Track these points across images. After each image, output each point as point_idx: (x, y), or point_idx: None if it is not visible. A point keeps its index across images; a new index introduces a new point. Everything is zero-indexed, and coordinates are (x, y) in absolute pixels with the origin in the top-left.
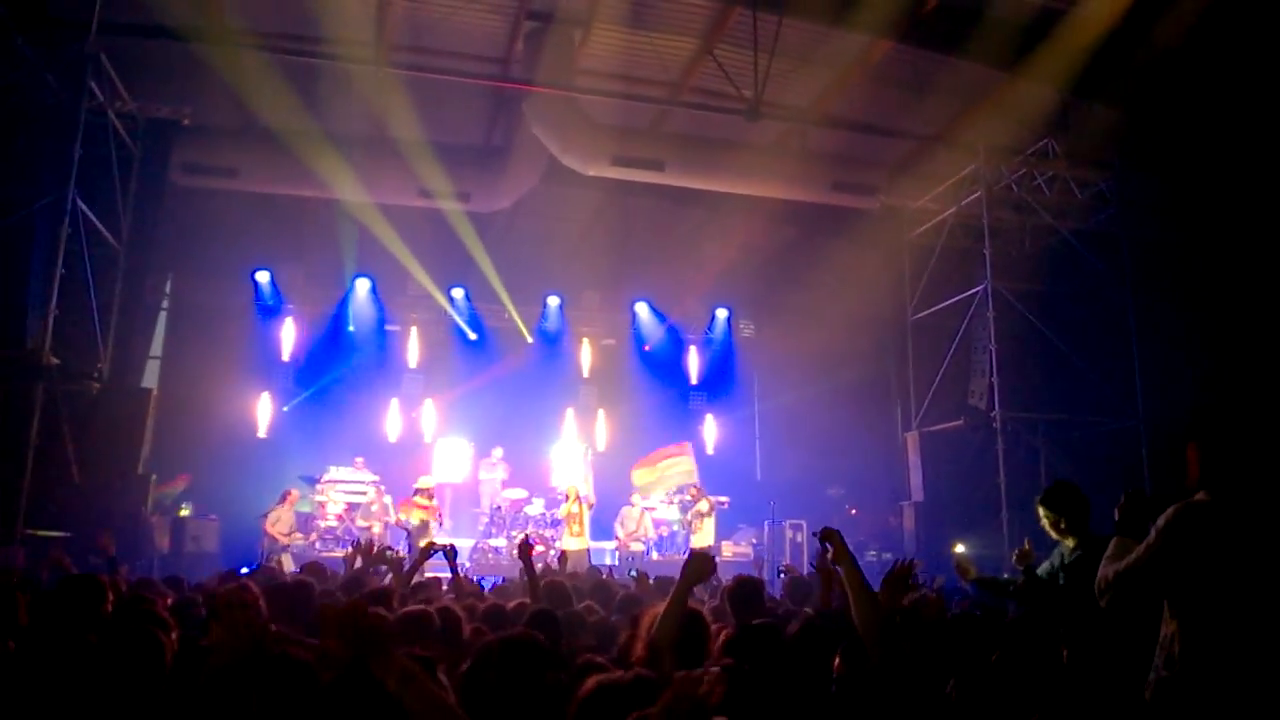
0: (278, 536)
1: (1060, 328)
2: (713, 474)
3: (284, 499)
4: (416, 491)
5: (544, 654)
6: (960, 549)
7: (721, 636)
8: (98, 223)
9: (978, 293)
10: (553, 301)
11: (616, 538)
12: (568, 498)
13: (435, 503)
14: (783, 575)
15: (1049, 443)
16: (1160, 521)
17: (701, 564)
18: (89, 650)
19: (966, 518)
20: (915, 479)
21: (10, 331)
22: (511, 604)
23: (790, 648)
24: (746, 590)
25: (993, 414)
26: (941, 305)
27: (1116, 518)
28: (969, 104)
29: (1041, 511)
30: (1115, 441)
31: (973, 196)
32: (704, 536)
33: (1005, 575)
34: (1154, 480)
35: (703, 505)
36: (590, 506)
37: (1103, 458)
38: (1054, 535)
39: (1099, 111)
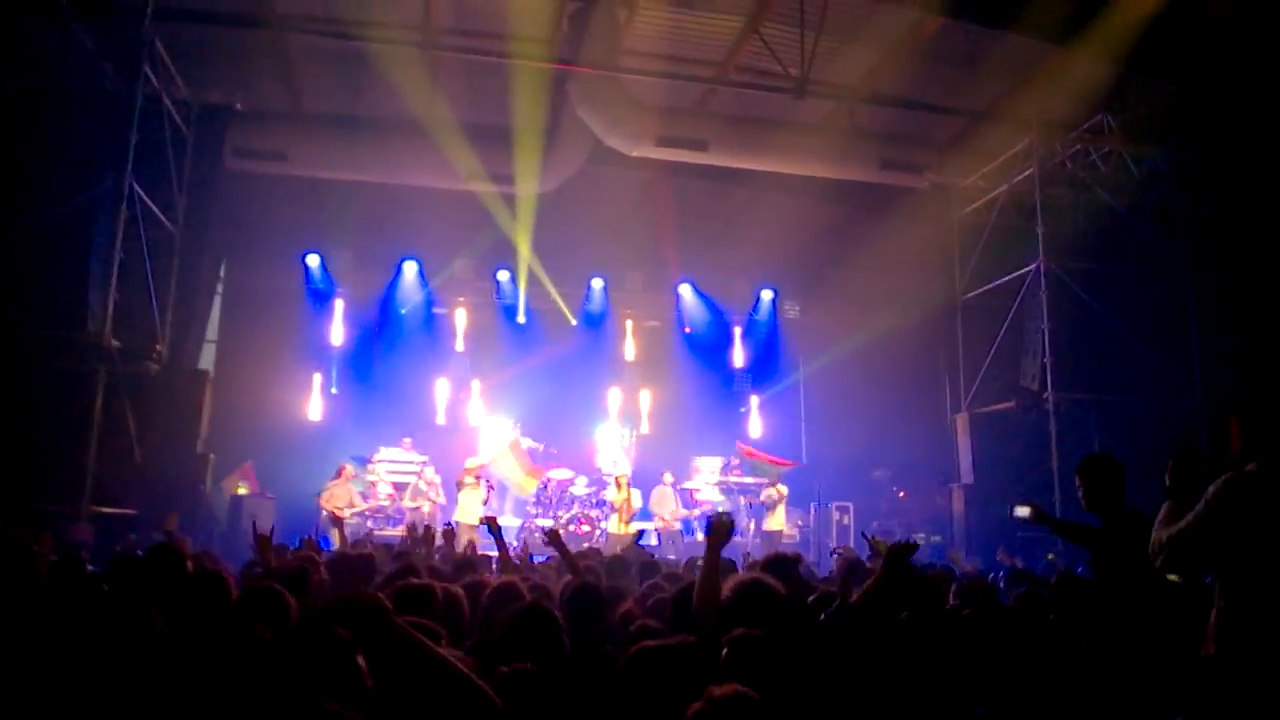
0: (334, 511)
1: (1115, 307)
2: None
3: (339, 474)
4: (464, 471)
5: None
6: (1022, 510)
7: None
8: (154, 207)
9: (1029, 272)
10: (596, 284)
11: (660, 517)
12: (618, 485)
13: (482, 483)
14: (835, 556)
15: (1104, 424)
16: (1210, 490)
17: (720, 528)
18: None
19: (1018, 501)
20: (965, 461)
21: (72, 314)
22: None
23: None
24: (779, 566)
25: (1045, 395)
26: (992, 285)
27: (1168, 482)
28: (1021, 79)
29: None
30: (1173, 423)
31: (1024, 174)
32: (776, 521)
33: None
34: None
35: (772, 493)
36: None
37: (1160, 440)
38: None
39: (1155, 86)
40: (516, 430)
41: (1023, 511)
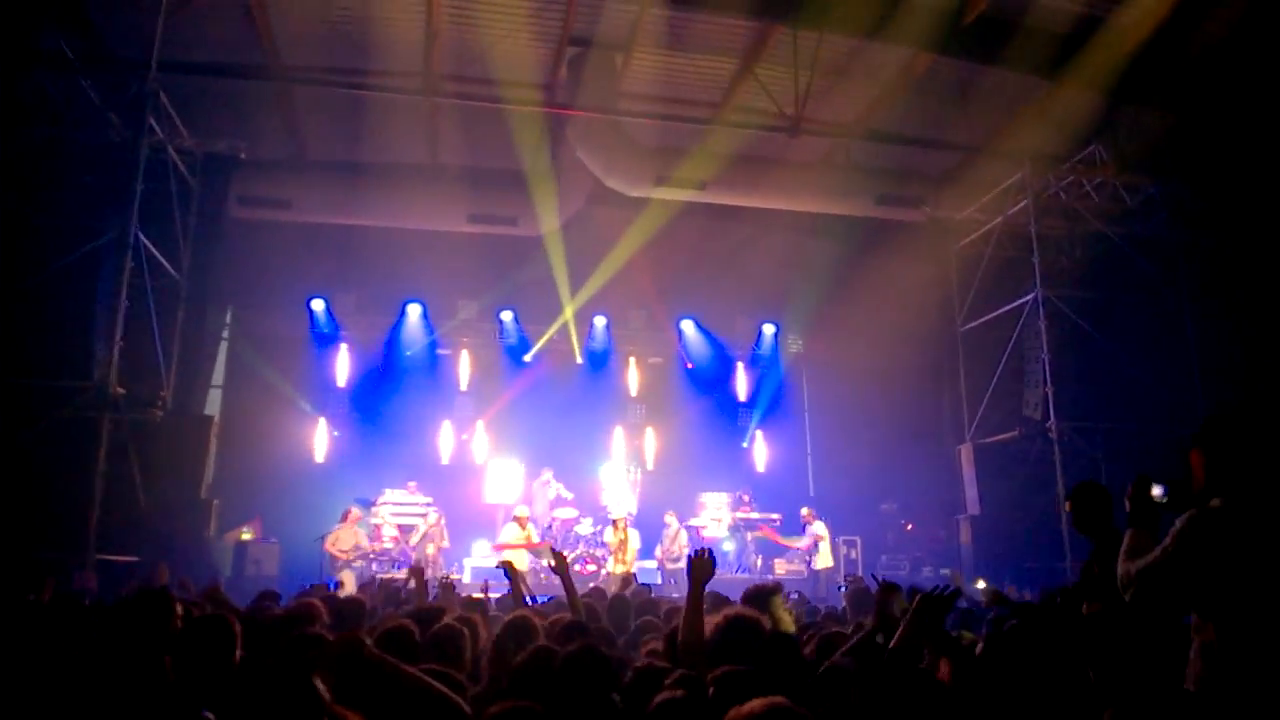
0: (338, 555)
1: (1115, 334)
2: (764, 491)
3: (344, 518)
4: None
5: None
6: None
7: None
8: (159, 256)
9: (1028, 301)
10: (599, 321)
11: (655, 556)
12: (615, 525)
13: (525, 531)
14: (842, 589)
15: (1108, 452)
16: (1176, 526)
17: (701, 565)
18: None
19: (1025, 530)
20: (970, 492)
21: (78, 363)
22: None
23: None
24: (757, 596)
25: (1048, 424)
26: (991, 315)
27: (1127, 507)
28: (1013, 113)
29: None
30: (1176, 449)
31: (1019, 205)
32: (823, 559)
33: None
34: None
35: (817, 527)
36: (631, 519)
37: (1164, 466)
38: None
39: (1145, 116)
40: (549, 475)
41: (1158, 490)
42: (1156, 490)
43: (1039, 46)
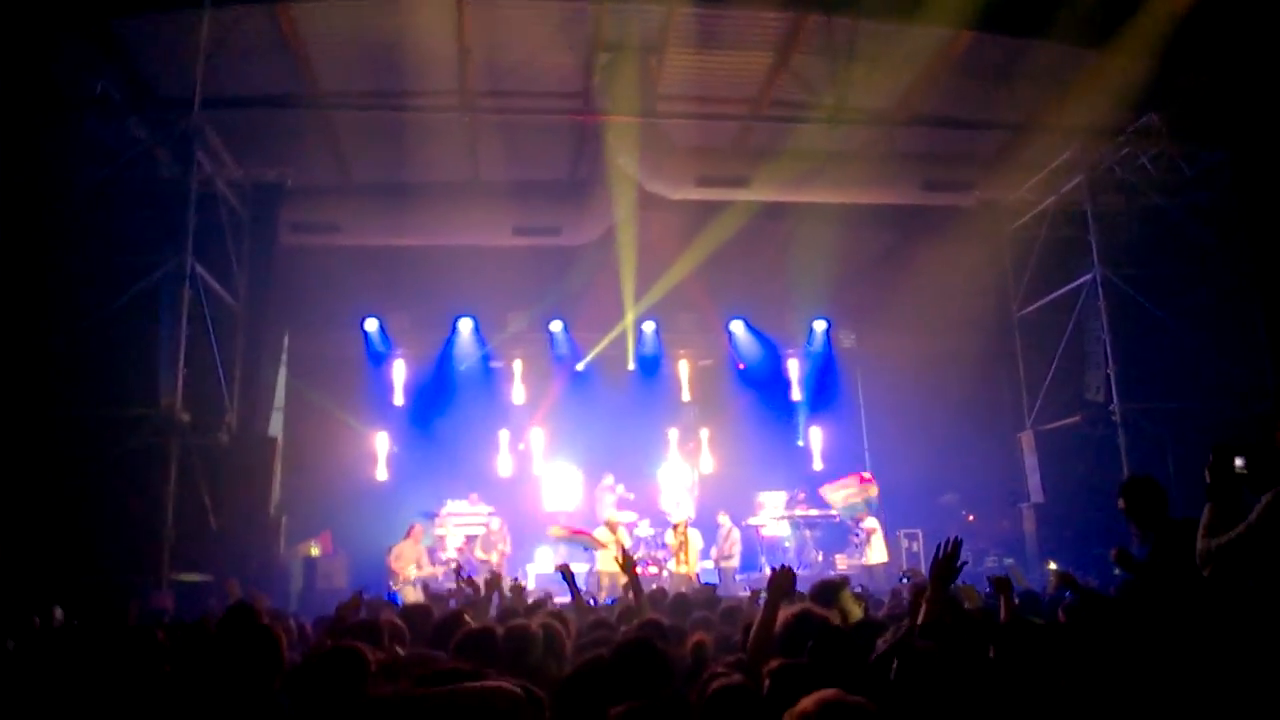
0: (398, 571)
1: (1179, 312)
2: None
3: (408, 534)
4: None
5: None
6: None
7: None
8: (216, 285)
9: (1086, 282)
10: (648, 326)
11: (710, 557)
12: (676, 529)
13: (615, 536)
14: (904, 580)
15: (1175, 434)
16: (1263, 502)
17: (784, 578)
18: None
19: (1090, 517)
20: (1033, 480)
21: (145, 391)
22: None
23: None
24: (825, 589)
25: (1111, 407)
26: (1049, 298)
27: (1207, 479)
28: (1060, 87)
29: None
30: (1247, 428)
31: (1073, 183)
32: (876, 553)
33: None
34: None
35: (870, 522)
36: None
37: (1233, 445)
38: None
39: (1201, 81)
40: (610, 479)
41: (1239, 461)
42: (1238, 461)
43: (1083, 15)
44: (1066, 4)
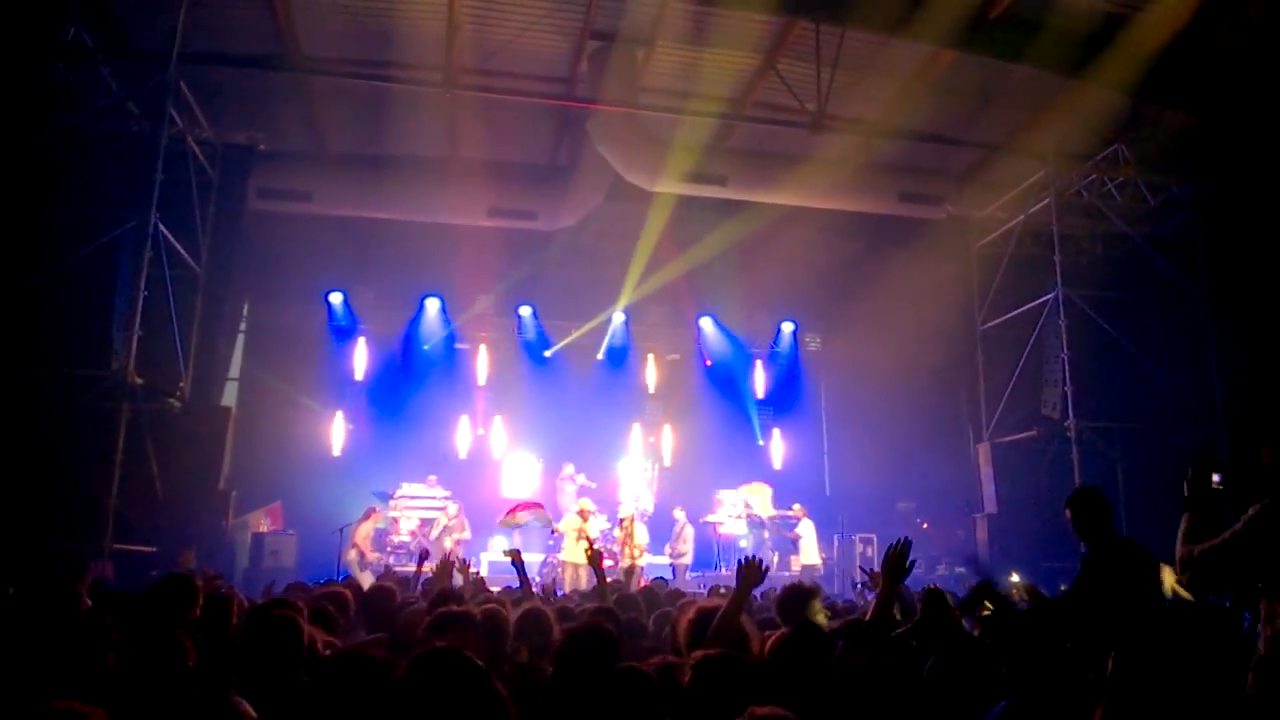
0: (366, 552)
1: (1135, 335)
2: (781, 488)
3: (367, 515)
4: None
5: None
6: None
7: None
8: (178, 246)
9: (1049, 301)
10: (618, 318)
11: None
12: (621, 523)
13: (585, 524)
14: (860, 586)
15: (1126, 452)
16: (1251, 512)
17: (752, 570)
18: None
19: (1042, 530)
20: (988, 491)
21: (97, 352)
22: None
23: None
24: (795, 598)
25: (1067, 424)
26: (1012, 314)
27: (1185, 492)
28: (1036, 111)
29: None
30: (1195, 450)
31: (1041, 204)
32: (806, 556)
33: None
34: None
35: (804, 525)
36: (645, 515)
37: (1182, 467)
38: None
39: (1169, 116)
40: (571, 469)
41: (1216, 477)
42: (1215, 477)
43: (1062, 44)
44: (1047, 32)
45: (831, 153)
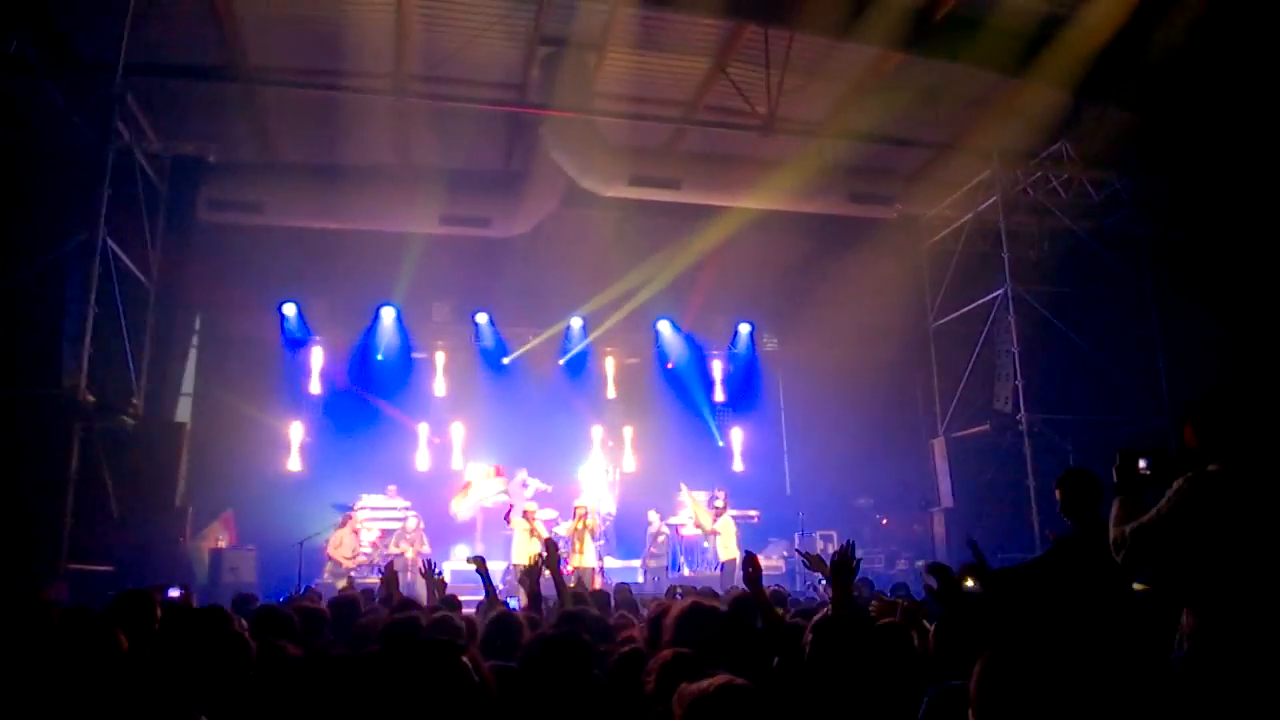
0: (341, 560)
1: (1083, 329)
2: (742, 488)
3: (345, 521)
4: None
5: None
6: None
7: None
8: (128, 261)
9: (998, 297)
10: (575, 323)
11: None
12: (575, 512)
13: (530, 525)
14: (824, 583)
15: (1077, 444)
16: (1174, 487)
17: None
18: None
19: (997, 522)
20: (944, 485)
21: (47, 370)
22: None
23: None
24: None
25: (1019, 417)
26: (962, 311)
27: (1114, 478)
28: (981, 110)
29: None
30: (1144, 440)
31: (989, 202)
32: (725, 551)
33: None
34: None
35: (724, 520)
36: (609, 517)
37: None
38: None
39: (1110, 113)
40: (524, 474)
41: (1142, 463)
42: (1141, 463)
43: (1006, 44)
44: (991, 33)
45: (783, 155)
